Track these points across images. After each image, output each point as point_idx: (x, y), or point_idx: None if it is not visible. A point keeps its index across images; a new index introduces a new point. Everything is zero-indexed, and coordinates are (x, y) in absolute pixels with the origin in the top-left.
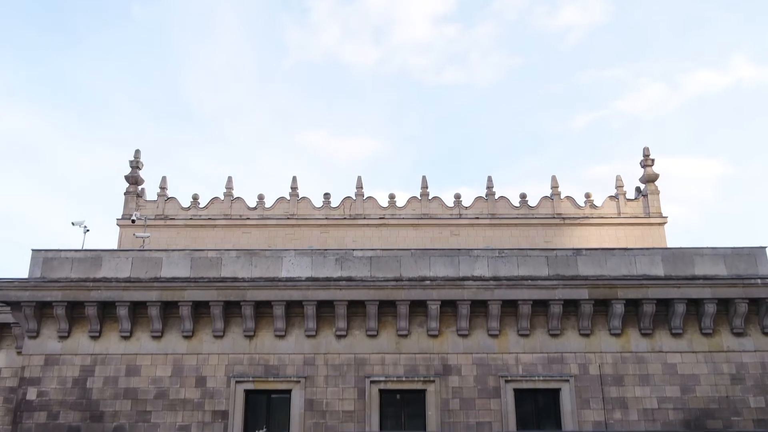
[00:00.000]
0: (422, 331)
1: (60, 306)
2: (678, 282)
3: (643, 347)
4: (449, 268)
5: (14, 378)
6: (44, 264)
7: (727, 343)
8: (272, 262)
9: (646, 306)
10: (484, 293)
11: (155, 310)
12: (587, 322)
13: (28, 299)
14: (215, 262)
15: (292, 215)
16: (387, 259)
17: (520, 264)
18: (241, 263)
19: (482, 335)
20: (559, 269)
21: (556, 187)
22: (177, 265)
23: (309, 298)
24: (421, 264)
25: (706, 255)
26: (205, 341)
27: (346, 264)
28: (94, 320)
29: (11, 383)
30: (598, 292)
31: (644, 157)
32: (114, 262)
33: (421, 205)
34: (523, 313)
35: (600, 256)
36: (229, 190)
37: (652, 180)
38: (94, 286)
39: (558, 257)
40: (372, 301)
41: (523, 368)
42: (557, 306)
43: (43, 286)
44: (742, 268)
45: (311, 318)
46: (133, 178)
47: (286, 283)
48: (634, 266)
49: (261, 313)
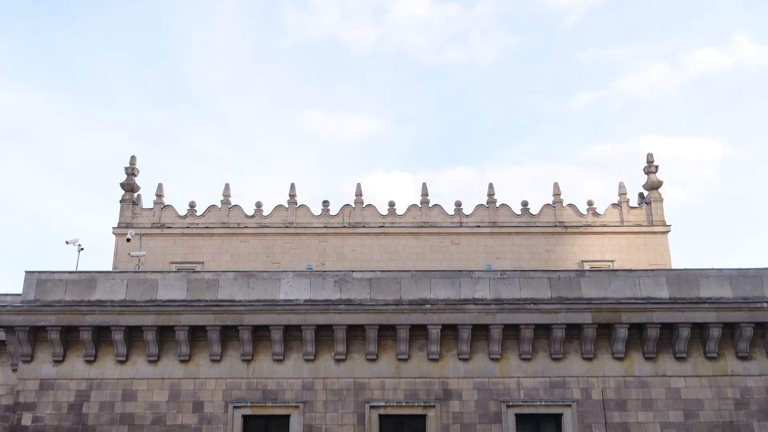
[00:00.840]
0: (422, 355)
1: (54, 330)
2: (683, 306)
3: (647, 371)
4: (450, 290)
5: (10, 396)
6: (38, 286)
7: (731, 367)
8: (270, 284)
9: (650, 330)
10: (485, 317)
11: (151, 335)
12: (590, 346)
13: (21, 323)
14: (212, 284)
15: (291, 224)
16: (387, 281)
17: (523, 286)
18: (238, 285)
19: (483, 359)
20: (561, 291)
21: (558, 195)
22: (173, 287)
23: (308, 323)
24: (421, 286)
25: (711, 277)
26: (202, 365)
27: (345, 286)
28: (89, 344)
29: (7, 401)
30: (601, 316)
31: (648, 164)
32: (109, 284)
33: (421, 213)
34: (525, 337)
35: (603, 277)
36: (227, 198)
37: (656, 187)
38: (88, 310)
39: (561, 279)
40: (371, 326)
41: (524, 393)
42: (560, 330)
43: (37, 310)
44: (748, 290)
45: (310, 342)
46: (129, 186)
47: (284, 307)
48: (638, 288)
49: (259, 337)
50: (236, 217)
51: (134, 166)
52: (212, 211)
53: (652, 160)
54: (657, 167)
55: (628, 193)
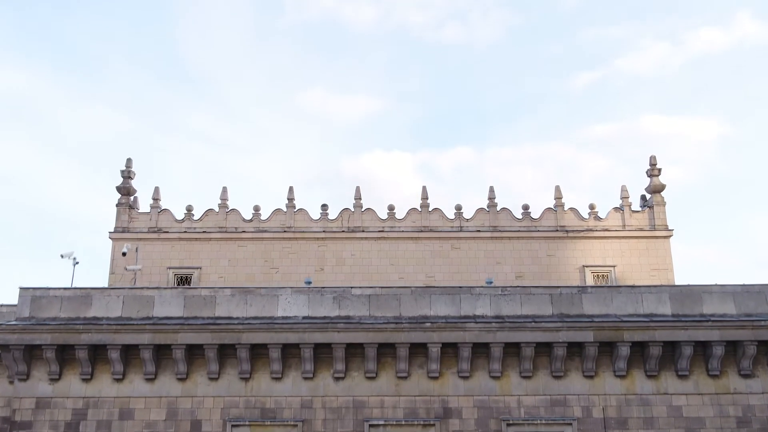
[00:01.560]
0: (422, 373)
1: (50, 349)
2: (686, 324)
3: (648, 389)
4: (450, 306)
5: (7, 408)
6: (32, 303)
7: (734, 385)
8: (268, 301)
9: (653, 348)
10: (486, 336)
11: (148, 353)
12: (591, 364)
13: (16, 342)
14: (209, 300)
15: (289, 228)
16: (386, 297)
17: (524, 302)
18: (235, 302)
19: (484, 377)
20: (563, 308)
21: (560, 198)
22: (170, 304)
23: (306, 341)
24: (421, 303)
25: (715, 293)
26: (199, 383)
27: (344, 303)
28: (85, 363)
29: (4, 413)
30: (603, 334)
31: (651, 166)
32: (104, 301)
33: (421, 217)
34: (525, 356)
35: (606, 293)
36: (224, 201)
37: (659, 190)
38: (84, 328)
39: (562, 295)
40: (371, 344)
41: (525, 411)
42: (561, 348)
43: (32, 329)
44: (752, 307)
45: (308, 360)
46: (125, 189)
47: (282, 326)
48: (641, 304)
49: (257, 354)
50: (234, 221)
51: (130, 168)
52: (210, 215)
53: (654, 163)
54: (660, 170)
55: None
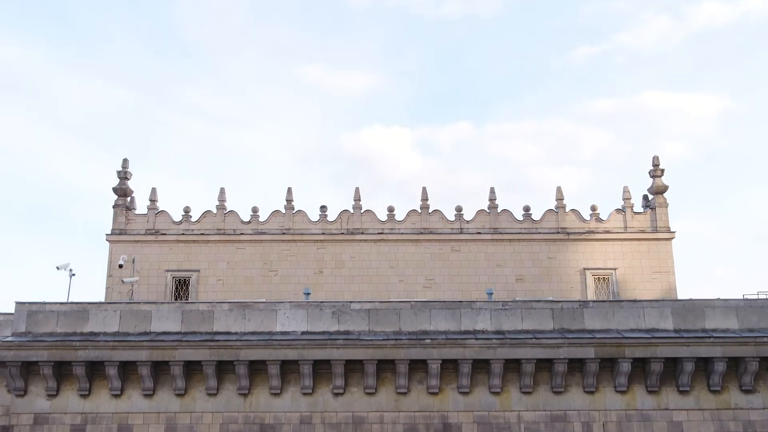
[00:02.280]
0: (422, 388)
1: (47, 366)
2: (688, 340)
3: (649, 404)
4: (450, 321)
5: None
6: (29, 317)
7: (735, 400)
8: (266, 316)
9: (654, 364)
10: (486, 352)
11: (146, 369)
12: (592, 380)
13: (12, 359)
14: (207, 315)
15: (288, 230)
16: (386, 312)
17: (525, 317)
18: (233, 316)
19: (484, 392)
20: (564, 323)
21: (561, 200)
22: (167, 319)
23: (305, 358)
24: (421, 317)
25: (718, 308)
26: (198, 399)
27: (343, 317)
28: (83, 379)
29: (3, 422)
30: (604, 350)
31: (654, 167)
32: (101, 316)
33: (421, 218)
34: (526, 371)
35: (607, 308)
36: (222, 203)
37: (661, 191)
38: (81, 345)
39: (564, 309)
40: (370, 360)
41: (525, 427)
42: (562, 365)
43: (28, 345)
44: (754, 322)
45: (307, 376)
46: (122, 191)
47: (281, 342)
48: (643, 319)
49: (256, 370)
50: (232, 223)
51: (126, 169)
52: (207, 217)
53: (658, 164)
54: (663, 171)
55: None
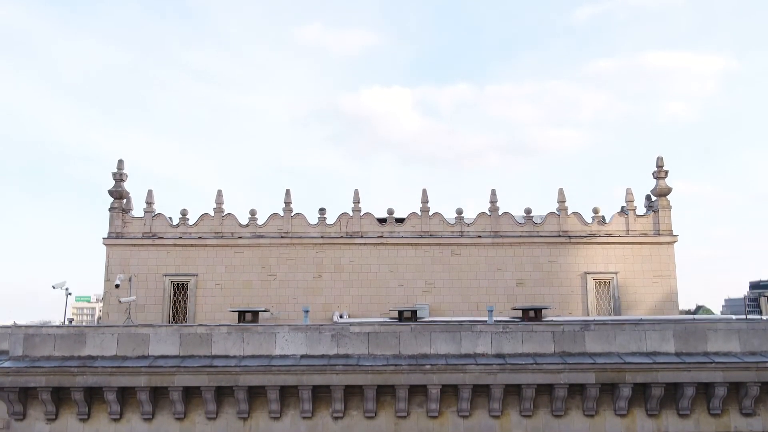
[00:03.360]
0: (422, 412)
1: (45, 391)
2: (689, 365)
3: (649, 428)
4: (451, 344)
5: (5, 430)
6: (25, 341)
7: (735, 424)
8: (265, 339)
9: (655, 389)
10: (486, 378)
11: (144, 395)
12: (592, 403)
13: (10, 385)
14: (205, 338)
15: (286, 233)
16: (385, 335)
17: (525, 340)
18: (232, 340)
19: (483, 415)
20: (565, 345)
21: (563, 202)
22: (165, 342)
23: (304, 383)
24: (421, 340)
25: (720, 330)
26: (198, 423)
27: (342, 340)
28: (82, 403)
29: None
30: (605, 376)
31: (657, 168)
32: (99, 339)
33: (421, 221)
34: (526, 396)
35: (609, 331)
36: (219, 206)
37: (665, 194)
38: (78, 370)
39: (565, 332)
40: (370, 386)
41: None
42: (562, 389)
43: (26, 371)
44: (756, 345)
45: (306, 401)
46: (118, 193)
47: (280, 368)
48: (644, 342)
49: (255, 394)
50: (230, 226)
51: (122, 171)
52: (205, 220)
53: (662, 165)
54: (666, 172)
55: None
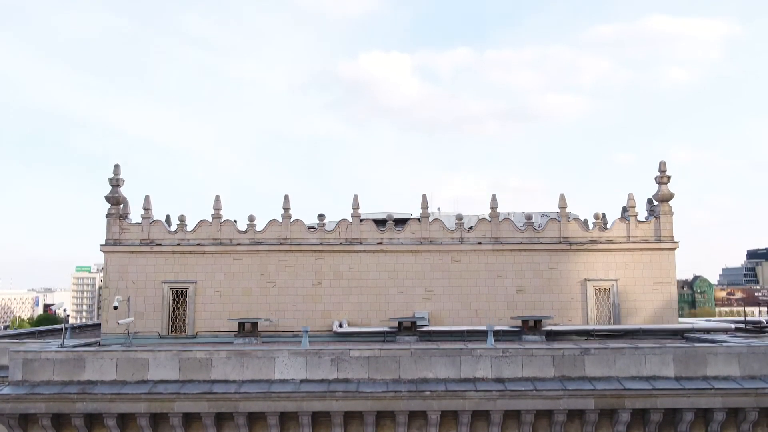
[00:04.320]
0: None
1: (45, 417)
2: (688, 391)
3: None
4: (450, 369)
5: None
6: (24, 366)
7: None
8: (264, 363)
9: (654, 414)
10: (486, 404)
11: (145, 420)
12: (591, 428)
13: (10, 411)
14: (205, 363)
15: (285, 240)
16: (385, 360)
17: (525, 364)
18: (231, 365)
19: None
20: (565, 370)
21: (564, 208)
22: (164, 367)
23: (304, 409)
24: (420, 365)
25: (720, 354)
26: None
27: (342, 365)
28: (82, 429)
29: None
30: (605, 401)
31: (660, 173)
32: (98, 364)
33: (421, 228)
34: (525, 421)
35: (608, 355)
36: (217, 212)
37: (667, 199)
38: (78, 397)
39: (565, 357)
40: (369, 412)
41: None
42: (561, 415)
43: (25, 398)
44: (756, 369)
45: (306, 426)
46: (114, 199)
47: (280, 394)
48: (644, 366)
49: (255, 419)
50: (228, 232)
51: (118, 176)
52: (203, 226)
53: (664, 170)
54: (669, 177)
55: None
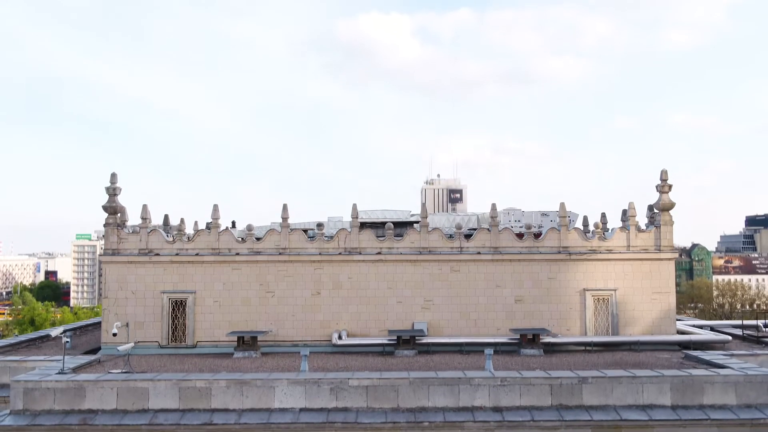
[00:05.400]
0: None
1: None
2: (685, 422)
3: None
4: (449, 397)
5: None
6: (25, 395)
7: None
8: (264, 393)
9: None
10: None
11: None
12: None
13: None
14: (204, 392)
15: (284, 249)
16: (384, 389)
17: (523, 393)
18: (231, 393)
19: None
20: (562, 398)
21: (565, 217)
22: (165, 396)
23: None
24: (419, 394)
25: (717, 383)
26: None
27: (341, 394)
28: None
29: None
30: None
31: (662, 182)
32: (98, 393)
33: (420, 237)
34: None
35: (606, 384)
36: (216, 221)
37: (668, 208)
38: (79, 428)
39: (562, 386)
40: None
41: None
42: None
43: (26, 428)
44: (753, 397)
45: None
46: (112, 208)
47: (279, 425)
48: (641, 395)
49: None
50: (227, 242)
51: (115, 185)
52: (201, 236)
53: (666, 178)
54: (670, 186)
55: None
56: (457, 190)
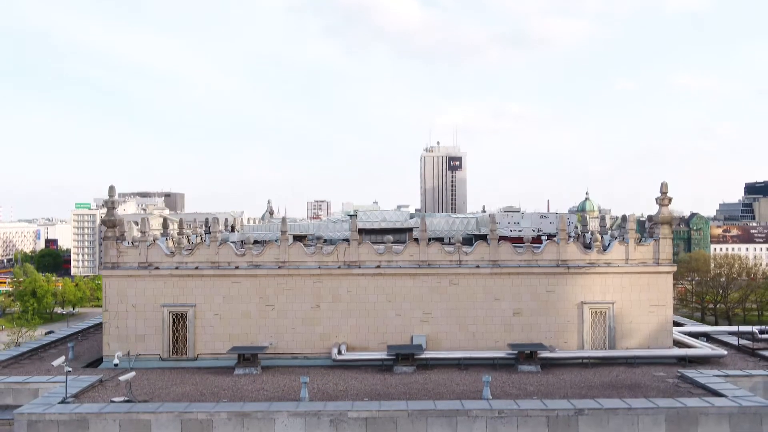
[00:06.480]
0: None
1: None
2: None
3: None
4: (447, 429)
5: None
6: (29, 428)
7: None
8: (264, 425)
9: None
10: None
11: None
12: None
13: None
14: (206, 425)
15: (284, 263)
16: (383, 421)
17: (520, 425)
18: (232, 425)
19: None
20: (559, 430)
21: (564, 230)
22: (167, 428)
23: None
24: (418, 426)
25: (711, 414)
26: None
27: (341, 426)
28: None
29: None
30: None
31: (662, 195)
32: (101, 425)
33: (419, 250)
34: None
35: (602, 415)
36: (214, 234)
37: (667, 221)
38: None
39: (559, 417)
40: None
41: None
42: None
43: None
44: (747, 428)
45: None
46: (111, 222)
47: None
48: (636, 426)
49: None
50: (226, 255)
51: (113, 198)
52: (200, 249)
53: (666, 191)
54: (670, 199)
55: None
56: (456, 157)
